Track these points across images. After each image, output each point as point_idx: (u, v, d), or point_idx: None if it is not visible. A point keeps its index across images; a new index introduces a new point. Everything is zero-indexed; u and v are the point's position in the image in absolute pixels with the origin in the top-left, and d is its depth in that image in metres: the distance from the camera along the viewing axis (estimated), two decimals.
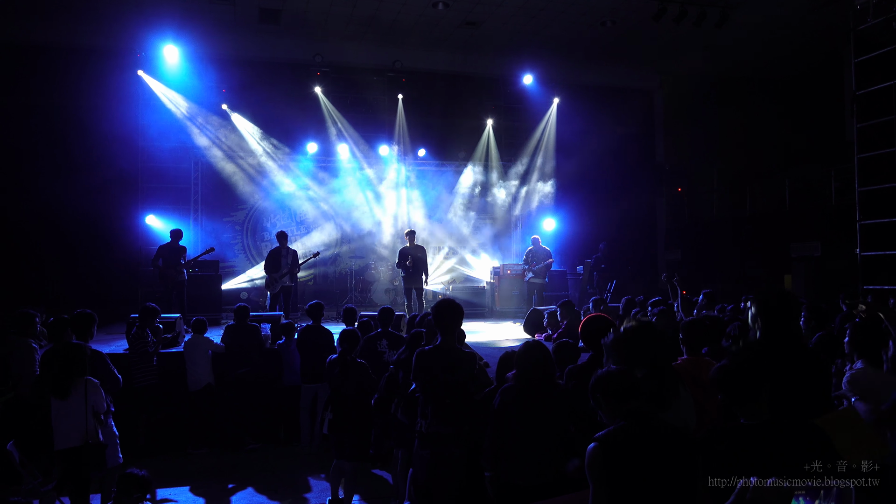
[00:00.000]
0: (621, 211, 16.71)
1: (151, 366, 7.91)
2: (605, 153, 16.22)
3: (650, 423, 2.86)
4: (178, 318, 9.50)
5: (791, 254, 14.46)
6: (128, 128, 13.67)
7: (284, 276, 11.42)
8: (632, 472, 2.72)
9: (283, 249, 11.57)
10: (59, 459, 5.27)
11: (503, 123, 16.93)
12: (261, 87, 14.45)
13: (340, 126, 15.55)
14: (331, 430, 6.08)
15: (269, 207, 15.53)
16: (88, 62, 13.17)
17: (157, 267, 10.88)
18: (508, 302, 14.47)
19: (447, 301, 4.55)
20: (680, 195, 18.51)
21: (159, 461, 7.60)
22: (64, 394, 5.19)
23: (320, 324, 8.21)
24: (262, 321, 9.25)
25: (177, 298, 10.95)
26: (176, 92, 14.13)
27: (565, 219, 16.75)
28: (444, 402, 4.35)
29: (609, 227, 16.17)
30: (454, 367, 4.38)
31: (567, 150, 16.61)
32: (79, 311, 5.94)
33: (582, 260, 15.47)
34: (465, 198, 16.64)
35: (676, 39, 14.50)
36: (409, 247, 12.02)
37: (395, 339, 7.18)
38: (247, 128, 14.88)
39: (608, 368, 3.12)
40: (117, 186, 13.67)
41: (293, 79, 15.01)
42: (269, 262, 11.52)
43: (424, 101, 15.93)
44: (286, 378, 8.37)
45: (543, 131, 16.81)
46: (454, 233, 16.49)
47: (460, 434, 4.34)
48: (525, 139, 17.00)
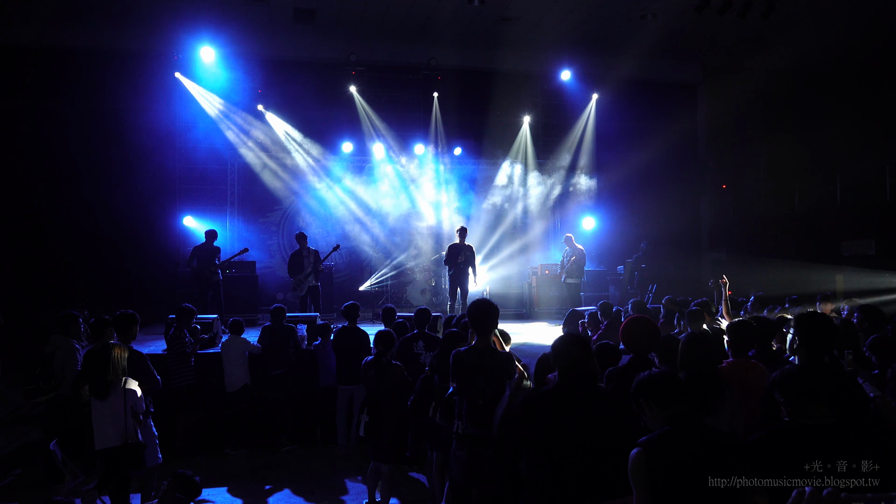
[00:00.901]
0: (663, 209, 16.45)
1: (189, 366, 8.05)
2: (646, 149, 15.99)
3: (695, 428, 2.82)
4: (216, 318, 9.66)
5: (843, 252, 14.08)
6: (165, 129, 14.02)
7: (309, 276, 11.47)
8: (676, 479, 2.68)
9: (304, 250, 11.58)
10: (100, 459, 5.40)
11: (541, 120, 16.84)
12: (296, 87, 14.62)
13: (375, 125, 15.64)
14: (367, 432, 6.12)
15: (304, 207, 15.72)
16: (126, 66, 13.52)
17: (191, 268, 11.06)
18: (547, 303, 14.36)
19: (482, 301, 4.53)
20: (725, 192, 18.17)
21: (197, 461, 7.74)
22: (104, 394, 5.31)
23: (356, 325, 8.27)
24: (299, 322, 9.33)
25: (213, 299, 11.10)
26: (212, 93, 14.41)
27: (605, 217, 16.59)
28: (476, 403, 4.34)
29: (651, 225, 15.93)
30: (489, 368, 4.36)
31: (607, 146, 16.45)
32: (121, 311, 6.09)
33: (622, 260, 15.29)
34: (502, 196, 16.60)
35: (720, 31, 14.23)
36: (458, 244, 11.83)
37: (431, 340, 7.18)
38: (282, 128, 15.09)
39: (651, 371, 3.08)
40: (155, 188, 13.98)
41: (328, 78, 15.16)
42: (292, 264, 11.60)
43: (460, 99, 15.92)
44: (322, 379, 8.44)
45: (582, 128, 16.68)
46: (491, 232, 16.44)
47: (492, 436, 4.32)
48: (563, 136, 16.88)
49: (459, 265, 11.63)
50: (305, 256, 11.55)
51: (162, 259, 14.02)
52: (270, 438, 8.39)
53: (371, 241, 15.92)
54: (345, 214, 15.93)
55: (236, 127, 14.72)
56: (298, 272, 11.48)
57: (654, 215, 16.22)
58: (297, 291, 11.58)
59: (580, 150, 16.73)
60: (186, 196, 14.69)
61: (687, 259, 17.29)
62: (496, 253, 16.51)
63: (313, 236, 14.76)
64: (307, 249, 11.63)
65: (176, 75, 13.99)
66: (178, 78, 14.03)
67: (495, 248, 16.52)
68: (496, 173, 16.63)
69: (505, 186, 16.59)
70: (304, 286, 11.46)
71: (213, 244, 11.23)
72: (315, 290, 11.59)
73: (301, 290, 11.48)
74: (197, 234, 13.75)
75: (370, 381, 6.15)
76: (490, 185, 16.62)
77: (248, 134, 14.85)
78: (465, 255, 11.60)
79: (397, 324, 7.80)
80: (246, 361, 8.29)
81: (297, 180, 15.40)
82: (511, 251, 16.44)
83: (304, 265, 11.48)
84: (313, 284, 11.55)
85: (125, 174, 13.38)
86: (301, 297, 11.57)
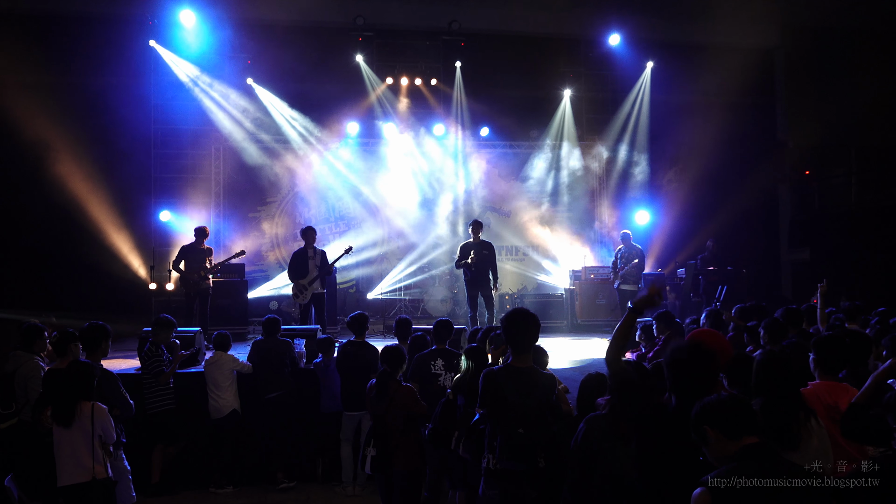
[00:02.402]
0: (734, 200, 16.30)
1: (167, 388, 8.11)
2: (712, 129, 15.86)
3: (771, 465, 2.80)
4: (198, 332, 9.72)
5: None
6: (138, 108, 14.13)
7: (314, 281, 11.18)
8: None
9: (310, 250, 11.31)
10: (63, 497, 5.45)
11: (584, 94, 16.80)
12: (292, 57, 14.65)
13: (386, 101, 15.70)
14: (374, 468, 6.09)
15: (302, 200, 15.86)
16: (90, 33, 13.67)
17: (178, 270, 11.10)
18: (593, 313, 14.32)
19: (520, 311, 4.53)
20: (808, 180, 17.97)
21: (177, 501, 7.80)
22: (68, 421, 5.37)
23: (364, 339, 8.27)
24: (296, 336, 9.35)
25: (199, 309, 11.12)
26: (193, 65, 14.56)
27: (662, 211, 16.49)
28: (515, 432, 4.34)
29: (719, 220, 15.80)
30: (529, 391, 4.36)
31: (664, 125, 16.35)
32: (90, 323, 6.14)
33: (684, 261, 15.19)
34: (537, 186, 16.58)
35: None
36: (472, 242, 11.67)
37: (452, 357, 7.17)
38: (276, 105, 15.21)
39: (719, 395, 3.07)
40: (128, 176, 14.09)
41: (330, 46, 15.23)
42: (294, 266, 11.28)
43: (487, 70, 15.92)
44: (324, 404, 8.47)
45: (634, 103, 16.60)
46: (524, 229, 16.42)
47: (535, 471, 4.32)
48: (611, 113, 16.84)
49: (470, 268, 11.49)
50: (311, 257, 11.25)
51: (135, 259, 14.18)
52: (263, 474, 8.44)
53: (382, 240, 15.96)
54: (350, 208, 15.99)
55: (222, 105, 14.84)
56: (301, 276, 11.17)
57: (721, 208, 16.08)
58: (298, 299, 11.28)
59: (632, 129, 16.66)
60: (164, 186, 14.85)
61: (762, 260, 17.15)
62: (529, 253, 16.48)
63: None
64: (313, 249, 11.36)
65: (151, 44, 14.14)
66: (154, 47, 14.18)
67: (528, 247, 16.49)
68: (530, 158, 16.62)
69: (541, 173, 16.56)
70: (306, 293, 11.18)
71: (205, 244, 11.29)
72: (320, 298, 11.29)
73: (304, 297, 11.18)
74: (176, 231, 13.90)
75: (376, 407, 6.15)
76: (523, 172, 16.62)
77: (236, 112, 14.97)
78: (477, 256, 11.43)
79: (416, 337, 7.73)
80: (234, 383, 8.33)
81: (294, 167, 15.50)
82: (547, 250, 16.40)
83: (308, 268, 11.18)
84: (319, 292, 11.24)
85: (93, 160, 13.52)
86: (303, 307, 11.29)
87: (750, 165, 17.18)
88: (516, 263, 16.49)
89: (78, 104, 13.60)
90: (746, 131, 17.15)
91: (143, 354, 8.25)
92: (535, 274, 16.34)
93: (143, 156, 14.47)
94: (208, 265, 11.11)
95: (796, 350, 5.31)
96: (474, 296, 11.67)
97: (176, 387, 8.23)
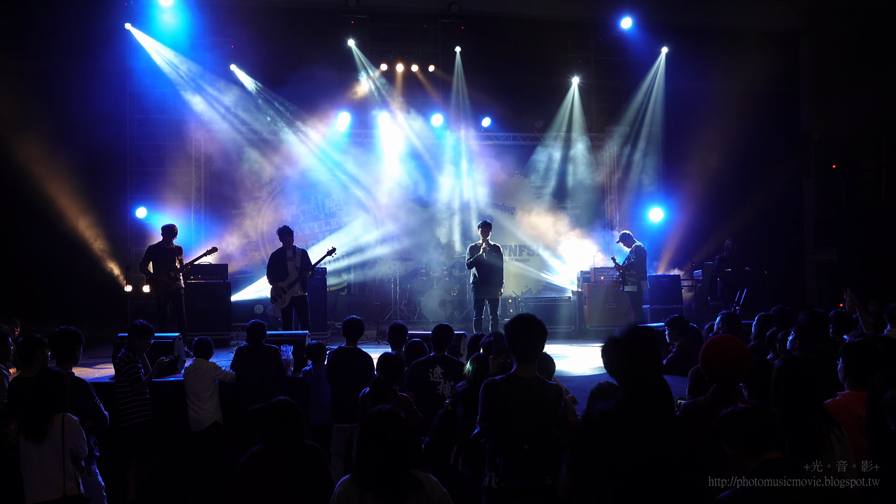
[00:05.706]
0: (755, 197, 16.33)
1: (144, 398, 8.09)
2: (731, 119, 15.86)
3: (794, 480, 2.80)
4: (177, 337, 9.74)
5: None
6: (113, 96, 14.12)
7: (294, 283, 11.30)
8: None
9: (289, 251, 11.43)
10: None
11: (593, 82, 16.83)
12: (278, 42, 14.70)
13: (380, 89, 15.69)
14: None
15: (289, 195, 15.87)
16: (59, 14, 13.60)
17: (146, 273, 11.11)
18: (602, 317, 14.29)
19: (525, 317, 4.53)
20: (835, 175, 17.99)
21: None
22: (37, 435, 5.37)
23: (357, 346, 8.28)
24: (283, 342, 9.36)
25: (174, 312, 11.14)
26: (172, 50, 14.55)
27: (677, 207, 16.49)
28: (520, 448, 4.34)
29: (738, 218, 15.83)
30: (535, 403, 4.36)
31: (680, 115, 16.37)
32: (61, 328, 6.13)
33: (701, 262, 15.19)
34: (542, 180, 16.60)
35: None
36: (481, 243, 11.84)
37: (452, 365, 7.16)
38: (261, 93, 15.21)
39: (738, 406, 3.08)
40: (101, 169, 14.13)
41: (319, 29, 15.24)
42: (272, 267, 11.41)
43: (489, 56, 15.93)
44: (314, 416, 8.46)
45: (648, 91, 16.62)
46: (528, 226, 16.42)
47: (542, 490, 4.32)
48: (623, 102, 16.86)
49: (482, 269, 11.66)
50: (290, 258, 11.36)
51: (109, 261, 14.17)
52: None
53: (375, 239, 15.95)
54: (340, 204, 15.99)
55: (202, 92, 14.82)
56: (280, 278, 11.32)
57: (741, 205, 16.11)
58: (277, 303, 11.44)
59: (646, 119, 16.69)
60: (140, 181, 14.86)
61: (785, 261, 17.15)
62: (534, 252, 16.48)
63: (301, 233, 14.84)
64: (293, 249, 11.50)
65: (126, 27, 14.12)
66: (129, 30, 14.16)
67: (533, 246, 16.49)
68: (535, 150, 16.63)
69: (546, 167, 16.58)
70: (286, 296, 11.31)
71: (173, 243, 11.30)
72: (302, 301, 11.41)
73: (283, 301, 11.33)
74: (154, 228, 13.88)
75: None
76: (527, 166, 16.64)
77: (217, 101, 14.95)
78: (489, 258, 11.62)
79: (413, 343, 7.74)
80: (216, 393, 8.33)
81: (280, 161, 15.52)
82: (553, 250, 16.40)
83: (287, 269, 11.32)
84: (299, 294, 11.36)
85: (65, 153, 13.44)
86: (284, 310, 11.44)
87: (772, 159, 17.20)
88: (521, 263, 16.49)
89: (47, 91, 13.61)
90: (769, 122, 17.16)
91: (117, 361, 8.24)
92: (540, 274, 16.33)
93: (118, 148, 14.46)
94: (178, 265, 11.11)
95: (823, 358, 5.32)
96: (481, 300, 11.84)
97: (153, 397, 8.22)
